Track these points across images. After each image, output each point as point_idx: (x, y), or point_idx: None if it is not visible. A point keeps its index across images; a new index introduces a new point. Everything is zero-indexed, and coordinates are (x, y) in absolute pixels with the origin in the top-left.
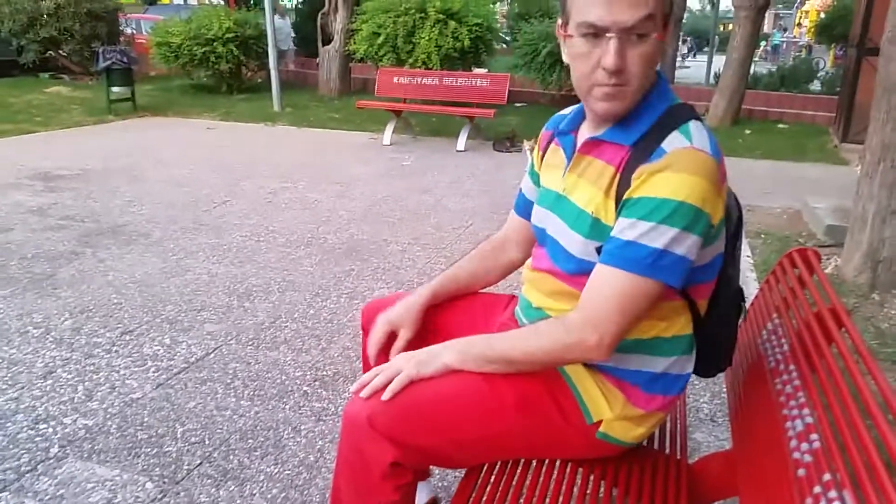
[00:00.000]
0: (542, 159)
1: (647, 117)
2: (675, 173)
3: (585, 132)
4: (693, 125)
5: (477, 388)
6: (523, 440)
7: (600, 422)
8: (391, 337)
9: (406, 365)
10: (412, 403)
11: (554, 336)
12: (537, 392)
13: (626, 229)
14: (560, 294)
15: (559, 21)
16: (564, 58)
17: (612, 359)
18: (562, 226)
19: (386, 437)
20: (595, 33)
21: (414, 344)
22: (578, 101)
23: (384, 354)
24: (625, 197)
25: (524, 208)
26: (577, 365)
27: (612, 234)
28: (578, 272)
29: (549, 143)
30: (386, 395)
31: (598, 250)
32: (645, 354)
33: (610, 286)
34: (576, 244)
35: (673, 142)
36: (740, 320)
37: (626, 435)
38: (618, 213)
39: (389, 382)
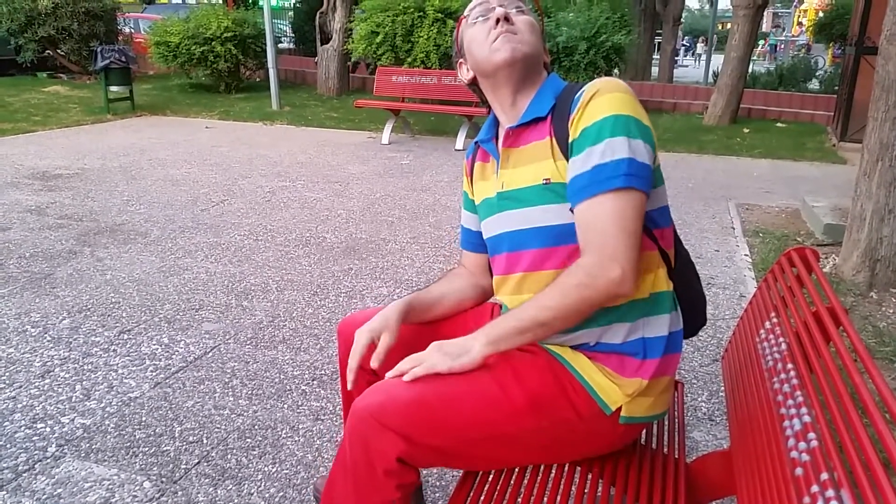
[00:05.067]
0: (472, 185)
1: (549, 93)
2: (600, 96)
3: (503, 131)
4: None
5: (487, 391)
6: (540, 443)
7: (619, 409)
8: (372, 348)
9: (438, 357)
10: (420, 402)
11: (577, 284)
12: (550, 393)
13: (585, 160)
14: (527, 281)
15: (461, 17)
16: (466, 45)
17: (605, 334)
18: (518, 213)
19: (394, 431)
20: (485, 15)
21: (397, 354)
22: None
23: (366, 366)
24: (569, 142)
25: (469, 242)
26: (581, 358)
27: (571, 176)
28: (556, 242)
29: (472, 166)
30: (407, 378)
31: (571, 210)
32: (640, 318)
33: (600, 217)
34: (544, 214)
35: (585, 89)
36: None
37: (648, 410)
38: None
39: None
